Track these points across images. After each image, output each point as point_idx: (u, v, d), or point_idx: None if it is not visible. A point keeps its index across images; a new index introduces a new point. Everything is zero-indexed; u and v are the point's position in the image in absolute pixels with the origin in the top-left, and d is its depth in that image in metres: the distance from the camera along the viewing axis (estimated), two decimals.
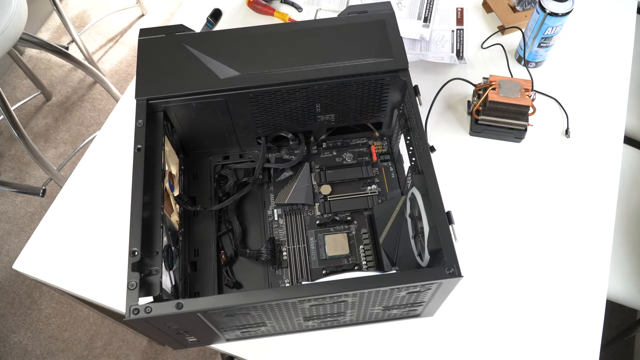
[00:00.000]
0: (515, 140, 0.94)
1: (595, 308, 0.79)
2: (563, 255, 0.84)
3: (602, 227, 0.86)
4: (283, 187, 0.86)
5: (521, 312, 0.79)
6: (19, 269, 0.83)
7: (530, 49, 1.00)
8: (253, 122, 0.81)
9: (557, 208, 0.88)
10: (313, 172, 0.88)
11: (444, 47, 1.05)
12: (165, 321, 0.60)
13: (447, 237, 0.60)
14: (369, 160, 0.89)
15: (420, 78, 0.78)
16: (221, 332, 0.69)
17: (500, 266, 0.83)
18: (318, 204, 0.85)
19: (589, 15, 1.10)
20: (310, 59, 0.74)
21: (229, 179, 0.85)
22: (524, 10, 1.08)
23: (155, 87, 0.72)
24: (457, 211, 0.63)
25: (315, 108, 0.80)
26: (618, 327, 1.42)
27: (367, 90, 0.77)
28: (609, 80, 1.02)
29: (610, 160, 0.93)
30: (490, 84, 0.90)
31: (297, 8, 1.13)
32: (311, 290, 0.57)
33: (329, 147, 0.90)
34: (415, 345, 0.77)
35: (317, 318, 0.69)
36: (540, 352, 0.76)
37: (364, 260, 0.80)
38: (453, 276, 0.57)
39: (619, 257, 1.09)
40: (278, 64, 0.73)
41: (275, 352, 0.76)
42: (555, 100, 0.99)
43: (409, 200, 0.73)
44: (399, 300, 0.66)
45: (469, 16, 1.10)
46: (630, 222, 1.13)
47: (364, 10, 0.77)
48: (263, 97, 0.75)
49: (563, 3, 0.91)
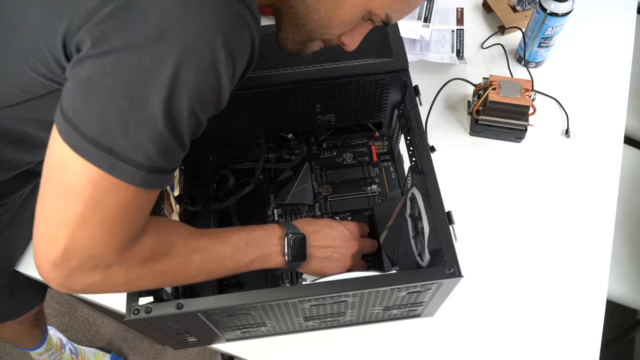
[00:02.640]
0: (515, 140, 0.94)
1: (595, 308, 0.79)
2: (563, 256, 0.84)
3: (602, 227, 0.86)
4: (283, 187, 0.86)
5: (521, 312, 0.79)
6: (19, 269, 0.83)
7: (530, 49, 1.00)
8: (253, 122, 0.81)
9: (557, 208, 0.88)
10: (313, 172, 0.88)
11: (444, 47, 1.05)
12: (165, 321, 0.60)
13: (447, 237, 0.60)
14: (369, 160, 0.89)
15: (420, 78, 0.78)
16: (221, 332, 0.69)
17: (501, 266, 0.83)
18: (318, 204, 0.85)
19: (589, 15, 1.10)
20: (311, 59, 0.73)
21: (229, 179, 0.85)
22: (524, 10, 1.08)
23: None
24: (457, 211, 0.63)
25: (316, 108, 0.80)
26: (618, 327, 1.42)
27: (367, 90, 0.77)
28: (609, 80, 1.02)
29: (611, 160, 0.93)
30: (491, 84, 0.90)
31: None
32: (311, 290, 0.57)
33: (329, 147, 0.90)
34: (415, 345, 0.77)
35: (317, 318, 0.69)
36: (541, 352, 0.76)
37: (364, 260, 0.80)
38: (453, 276, 0.57)
39: (619, 257, 1.09)
40: (278, 64, 0.73)
41: (275, 352, 0.76)
42: (555, 100, 0.99)
43: (409, 200, 0.73)
44: (399, 300, 0.66)
45: (469, 16, 1.10)
46: (630, 222, 1.13)
47: None
48: (263, 97, 0.75)
49: (563, 3, 0.91)
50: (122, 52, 0.43)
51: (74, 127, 0.43)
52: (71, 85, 0.45)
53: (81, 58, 0.44)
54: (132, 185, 0.45)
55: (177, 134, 0.46)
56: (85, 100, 0.44)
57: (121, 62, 0.43)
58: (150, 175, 0.46)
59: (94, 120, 0.44)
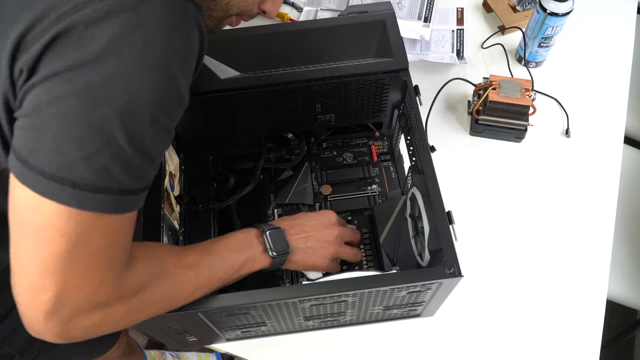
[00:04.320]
0: (515, 140, 0.94)
1: (595, 308, 0.79)
2: (563, 255, 0.84)
3: (602, 227, 0.86)
4: (283, 187, 0.86)
5: (521, 312, 0.79)
6: None
7: (530, 49, 1.00)
8: (253, 122, 0.81)
9: (557, 208, 0.88)
10: (313, 172, 0.88)
11: (444, 47, 1.05)
12: (165, 321, 0.60)
13: (447, 237, 0.60)
14: (369, 160, 0.89)
15: (420, 78, 0.78)
16: (221, 331, 0.69)
17: (501, 266, 0.83)
18: (318, 203, 0.85)
19: (589, 15, 1.10)
20: (311, 59, 0.74)
21: (229, 179, 0.85)
22: (524, 10, 1.08)
23: None
24: (457, 211, 0.63)
25: (316, 108, 0.80)
26: (618, 327, 1.42)
27: (367, 90, 0.77)
28: (609, 80, 1.02)
29: (611, 160, 0.93)
30: (491, 84, 0.90)
31: (297, 8, 1.13)
32: (311, 290, 0.57)
33: (329, 147, 0.90)
34: (415, 345, 0.77)
35: (317, 318, 0.69)
36: (541, 352, 0.76)
37: (364, 260, 0.80)
38: (453, 276, 0.57)
39: (619, 257, 1.09)
40: (278, 64, 0.73)
41: (275, 352, 0.76)
42: (556, 100, 0.99)
43: (409, 200, 0.73)
44: (399, 300, 0.66)
45: (469, 16, 1.10)
46: (630, 222, 1.13)
47: (364, 10, 0.77)
48: (263, 97, 0.75)
49: (563, 3, 0.91)
50: (65, 74, 0.40)
51: (30, 167, 0.40)
52: (19, 123, 0.42)
53: (25, 91, 0.41)
54: (107, 213, 0.43)
55: (141, 148, 0.43)
56: (35, 134, 0.40)
57: (66, 84, 0.40)
58: (123, 197, 0.43)
59: (50, 154, 0.40)
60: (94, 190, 0.41)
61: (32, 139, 0.41)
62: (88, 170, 0.41)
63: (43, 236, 0.41)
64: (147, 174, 0.46)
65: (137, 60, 0.41)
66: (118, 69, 0.40)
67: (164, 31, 0.42)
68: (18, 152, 0.41)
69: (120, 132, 0.41)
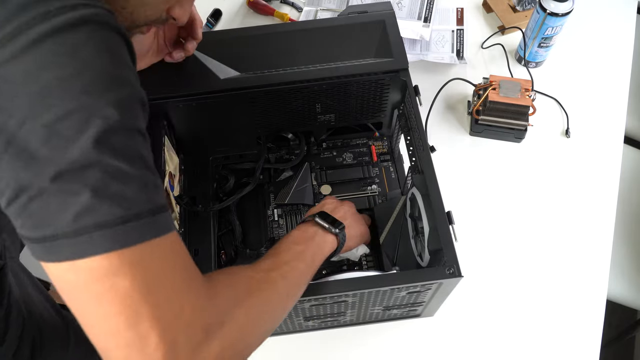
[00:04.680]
0: (515, 140, 0.94)
1: (595, 308, 0.79)
2: (563, 256, 0.84)
3: (602, 227, 0.86)
4: (283, 187, 0.86)
5: (521, 312, 0.79)
6: None
7: (530, 49, 1.00)
8: (253, 122, 0.81)
9: (557, 208, 0.88)
10: (313, 172, 0.88)
11: (444, 47, 1.05)
12: None
13: (447, 237, 0.60)
14: (369, 160, 0.89)
15: (420, 78, 0.78)
16: None
17: (500, 266, 0.83)
18: (318, 203, 0.85)
19: (589, 15, 1.10)
20: (310, 59, 0.74)
21: (229, 179, 0.85)
22: (524, 10, 1.08)
23: (155, 87, 0.72)
24: (457, 211, 0.63)
25: (316, 108, 0.80)
26: (618, 327, 1.42)
27: (367, 90, 0.77)
28: (609, 80, 1.02)
29: (611, 160, 0.93)
30: (491, 84, 0.90)
31: (297, 8, 1.13)
32: (311, 290, 0.57)
33: (329, 147, 0.90)
34: (415, 345, 0.77)
35: (317, 318, 0.69)
36: (541, 352, 0.76)
37: (364, 260, 0.80)
38: (453, 276, 0.57)
39: (619, 257, 1.09)
40: (278, 64, 0.73)
41: (275, 352, 0.76)
42: (555, 100, 0.99)
43: (409, 200, 0.73)
44: (399, 300, 0.66)
45: (469, 16, 1.10)
46: (630, 222, 1.13)
47: (364, 11, 0.77)
48: (263, 97, 0.75)
49: (563, 3, 0.91)
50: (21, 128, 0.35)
51: (52, 239, 0.36)
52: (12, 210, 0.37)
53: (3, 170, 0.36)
54: (153, 238, 0.39)
55: (138, 158, 0.41)
56: (41, 205, 0.36)
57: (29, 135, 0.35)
58: (159, 216, 0.40)
59: (65, 212, 0.35)
60: (129, 220, 0.37)
61: (38, 211, 0.36)
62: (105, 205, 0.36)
63: (111, 296, 0.37)
64: (157, 184, 0.42)
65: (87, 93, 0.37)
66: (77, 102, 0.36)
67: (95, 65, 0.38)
68: (30, 235, 0.37)
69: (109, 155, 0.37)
